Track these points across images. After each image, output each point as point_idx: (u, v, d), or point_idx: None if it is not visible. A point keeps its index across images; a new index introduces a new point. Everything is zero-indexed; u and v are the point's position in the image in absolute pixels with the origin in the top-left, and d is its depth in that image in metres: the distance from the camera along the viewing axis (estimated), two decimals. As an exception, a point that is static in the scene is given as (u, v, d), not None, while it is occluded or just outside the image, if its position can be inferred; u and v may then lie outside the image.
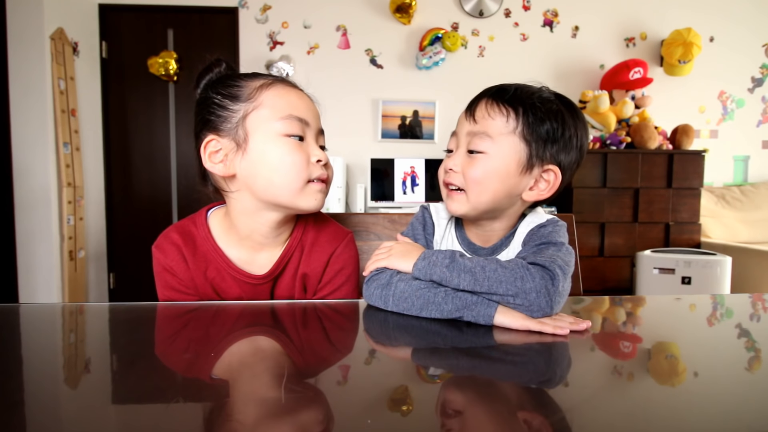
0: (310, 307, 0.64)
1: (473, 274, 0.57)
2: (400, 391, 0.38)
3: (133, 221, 3.18)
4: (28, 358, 0.47)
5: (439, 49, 3.10)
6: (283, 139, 0.66)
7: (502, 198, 0.66)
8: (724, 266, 2.44)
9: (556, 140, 0.64)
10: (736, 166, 3.37)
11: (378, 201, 3.03)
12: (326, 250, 0.76)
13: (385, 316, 0.60)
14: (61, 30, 2.63)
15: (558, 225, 0.67)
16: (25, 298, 2.58)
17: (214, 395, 0.37)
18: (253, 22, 3.13)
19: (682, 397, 0.39)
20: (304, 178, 0.67)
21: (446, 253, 0.60)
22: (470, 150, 0.65)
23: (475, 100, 0.67)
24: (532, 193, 0.66)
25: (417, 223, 0.76)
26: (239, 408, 0.35)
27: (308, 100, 0.71)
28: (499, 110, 0.64)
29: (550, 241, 0.63)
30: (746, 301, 0.73)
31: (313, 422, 0.33)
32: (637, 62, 2.97)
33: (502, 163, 0.64)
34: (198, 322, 0.58)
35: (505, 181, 0.64)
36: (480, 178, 0.64)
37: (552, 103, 0.64)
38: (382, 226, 1.11)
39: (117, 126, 3.14)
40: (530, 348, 0.50)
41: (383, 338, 0.56)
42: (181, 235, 0.73)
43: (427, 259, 0.61)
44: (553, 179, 0.65)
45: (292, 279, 0.75)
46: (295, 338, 0.53)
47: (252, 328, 0.57)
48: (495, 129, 0.64)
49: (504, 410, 0.36)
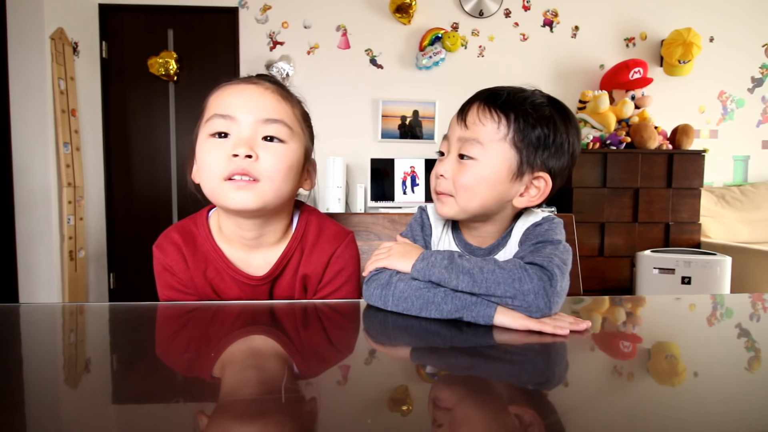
0: (310, 307, 0.63)
1: (471, 275, 0.57)
2: (400, 391, 0.38)
3: (133, 221, 3.18)
4: (28, 358, 0.47)
5: (439, 49, 3.10)
6: (207, 140, 0.66)
7: (492, 204, 0.66)
8: (724, 266, 2.43)
9: (547, 146, 0.63)
10: (736, 166, 3.37)
11: (378, 201, 3.02)
12: (326, 251, 0.75)
13: (385, 316, 0.60)
14: (61, 30, 2.63)
15: (554, 222, 0.67)
16: (25, 298, 2.58)
17: (214, 395, 0.37)
18: (253, 22, 3.13)
19: (682, 397, 0.39)
20: (218, 177, 0.64)
21: (445, 254, 0.60)
22: (461, 155, 0.65)
23: (467, 104, 0.67)
24: (522, 199, 0.66)
25: (415, 224, 0.76)
26: (239, 408, 0.35)
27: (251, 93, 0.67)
28: (491, 116, 0.63)
29: (546, 239, 0.63)
30: (746, 301, 0.73)
31: (313, 422, 0.33)
32: (637, 62, 2.97)
33: (492, 170, 0.63)
34: (198, 322, 0.58)
35: (494, 187, 0.64)
36: (469, 184, 0.64)
37: (544, 108, 0.64)
38: (382, 226, 1.11)
39: (117, 126, 3.14)
40: (530, 348, 0.50)
41: (383, 338, 0.56)
42: (182, 235, 0.73)
43: (426, 260, 0.61)
44: (543, 186, 0.65)
45: (291, 280, 0.75)
46: (295, 338, 0.53)
47: (252, 328, 0.57)
48: (486, 135, 0.63)
49: (504, 410, 0.36)
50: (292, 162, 0.68)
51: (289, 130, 0.68)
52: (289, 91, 0.73)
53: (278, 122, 0.67)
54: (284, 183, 0.67)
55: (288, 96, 0.71)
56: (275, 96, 0.68)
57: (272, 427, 0.32)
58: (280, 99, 0.69)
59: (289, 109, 0.69)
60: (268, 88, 0.69)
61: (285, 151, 0.67)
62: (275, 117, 0.66)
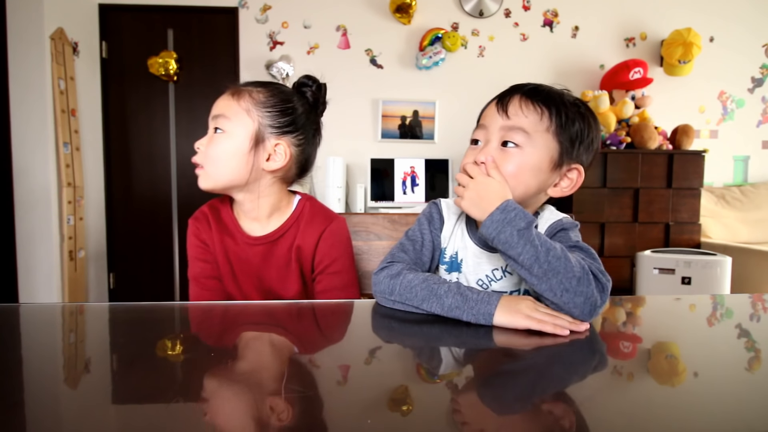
0: (310, 307, 0.64)
1: (537, 251, 0.56)
2: (400, 391, 0.38)
3: (133, 221, 3.18)
4: (28, 358, 0.47)
5: (439, 49, 3.10)
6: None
7: (534, 192, 0.68)
8: (724, 266, 2.43)
9: (582, 141, 0.67)
10: (736, 166, 3.37)
11: (378, 201, 3.02)
12: (319, 228, 0.85)
13: (385, 316, 0.60)
14: (61, 30, 2.63)
15: (578, 228, 0.70)
16: (25, 298, 2.58)
17: (213, 395, 0.37)
18: (253, 22, 3.13)
19: (682, 397, 0.39)
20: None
21: (525, 217, 0.59)
22: (504, 142, 0.66)
23: (507, 96, 0.68)
24: (556, 189, 0.69)
25: (423, 218, 0.76)
26: (239, 408, 0.35)
27: (224, 96, 0.82)
28: (534, 108, 0.65)
29: (580, 246, 0.64)
30: (746, 301, 0.73)
31: (314, 422, 0.33)
32: (637, 62, 2.97)
33: (537, 158, 0.65)
34: (198, 322, 0.58)
35: (537, 175, 0.66)
36: (515, 172, 0.65)
37: (579, 105, 0.68)
38: (382, 226, 1.11)
39: (117, 126, 3.14)
40: (530, 349, 0.50)
41: (383, 338, 0.56)
42: (210, 207, 0.89)
43: (506, 213, 0.59)
44: (576, 177, 0.69)
45: (288, 250, 0.85)
46: (294, 338, 0.53)
47: (252, 328, 0.57)
48: (530, 125, 0.65)
49: (504, 410, 0.36)
50: (231, 146, 0.79)
51: (227, 120, 0.79)
52: (249, 85, 0.83)
53: (218, 117, 0.80)
54: (225, 164, 0.79)
55: (238, 91, 0.81)
56: (227, 94, 0.82)
57: (272, 426, 0.32)
58: (229, 96, 0.81)
59: (234, 103, 0.80)
60: (229, 90, 0.83)
61: (222, 139, 0.79)
62: (217, 113, 0.80)
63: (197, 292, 0.86)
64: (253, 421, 0.33)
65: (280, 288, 0.86)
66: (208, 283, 0.85)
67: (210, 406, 0.36)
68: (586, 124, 0.67)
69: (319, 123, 0.89)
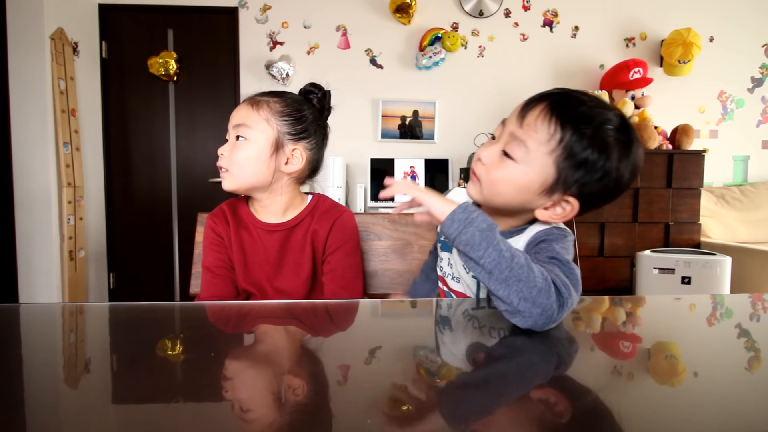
0: (311, 307, 0.64)
1: (501, 255, 0.54)
2: (400, 391, 0.38)
3: (133, 221, 3.18)
4: (28, 358, 0.47)
5: (439, 49, 3.10)
6: None
7: (514, 207, 0.66)
8: (723, 266, 2.43)
9: (594, 170, 0.60)
10: (735, 166, 3.37)
11: (378, 201, 3.03)
12: (333, 216, 0.94)
13: (385, 316, 0.60)
14: (61, 30, 2.63)
15: (567, 240, 0.66)
16: (25, 298, 2.58)
17: (214, 395, 0.37)
18: (253, 22, 3.13)
19: (682, 397, 0.39)
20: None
21: (487, 219, 0.57)
22: (504, 151, 0.64)
23: (535, 101, 0.63)
24: (545, 213, 0.65)
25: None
26: (239, 408, 0.35)
27: (243, 105, 0.89)
28: (548, 124, 0.60)
29: (558, 258, 0.60)
30: (746, 301, 0.73)
31: (314, 422, 0.33)
32: (636, 62, 2.97)
33: (527, 179, 0.62)
34: (198, 322, 0.58)
35: (521, 194, 0.64)
36: (498, 182, 0.64)
37: (608, 132, 0.60)
38: (382, 226, 1.11)
39: (117, 126, 3.14)
40: (530, 348, 0.50)
41: (383, 338, 0.56)
42: (228, 205, 0.96)
43: (468, 212, 0.57)
44: (568, 210, 0.64)
45: (303, 236, 0.93)
46: (294, 338, 0.53)
47: (252, 328, 0.57)
48: (534, 143, 0.61)
49: (503, 410, 0.36)
50: (254, 152, 0.87)
51: (248, 128, 0.86)
52: (266, 96, 0.90)
53: (240, 126, 0.87)
54: (250, 168, 0.87)
55: (256, 101, 0.89)
56: (246, 104, 0.89)
57: (272, 426, 0.32)
58: (248, 106, 0.88)
59: (254, 113, 0.87)
60: (247, 100, 0.89)
61: (245, 146, 0.87)
62: (238, 122, 0.87)
63: (209, 279, 0.93)
64: (253, 422, 0.33)
65: (293, 274, 0.92)
66: (220, 272, 0.93)
67: (210, 406, 0.36)
68: (604, 154, 0.59)
69: (326, 127, 0.97)
